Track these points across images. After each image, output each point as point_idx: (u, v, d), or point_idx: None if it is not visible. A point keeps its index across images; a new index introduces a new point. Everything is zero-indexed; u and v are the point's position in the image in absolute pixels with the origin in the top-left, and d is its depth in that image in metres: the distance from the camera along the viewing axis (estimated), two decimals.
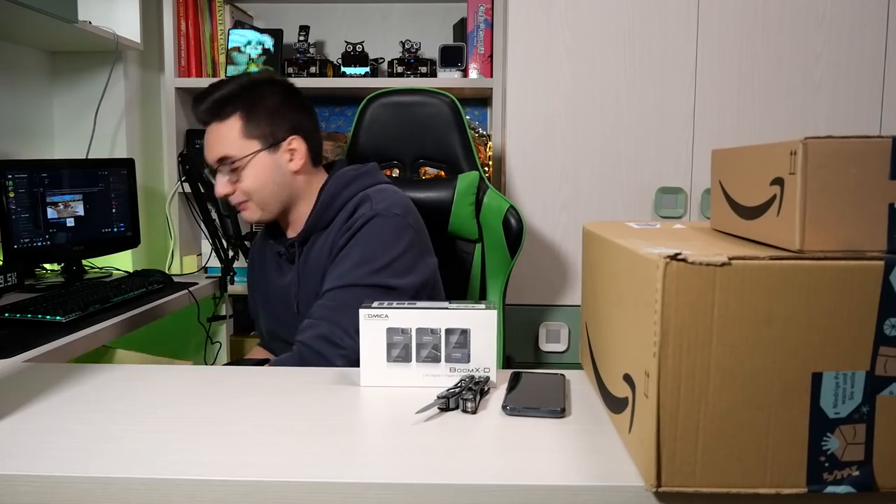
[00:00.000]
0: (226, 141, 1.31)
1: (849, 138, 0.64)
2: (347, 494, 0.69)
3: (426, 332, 0.94)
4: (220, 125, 1.32)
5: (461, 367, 0.95)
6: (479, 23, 2.20)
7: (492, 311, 0.95)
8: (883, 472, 0.66)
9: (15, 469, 0.71)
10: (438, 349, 0.95)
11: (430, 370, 0.95)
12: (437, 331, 0.94)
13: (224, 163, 1.31)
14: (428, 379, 0.95)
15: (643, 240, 0.78)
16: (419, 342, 0.94)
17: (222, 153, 1.31)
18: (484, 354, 0.95)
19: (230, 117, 1.31)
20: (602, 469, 0.72)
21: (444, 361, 0.95)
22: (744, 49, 2.04)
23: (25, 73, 2.08)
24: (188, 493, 0.69)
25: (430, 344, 0.95)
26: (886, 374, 0.65)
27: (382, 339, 0.95)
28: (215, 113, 1.32)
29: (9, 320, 1.41)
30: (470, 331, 0.95)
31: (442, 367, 0.95)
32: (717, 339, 0.64)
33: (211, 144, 1.33)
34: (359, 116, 1.72)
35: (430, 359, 0.95)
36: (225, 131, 1.31)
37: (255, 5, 2.45)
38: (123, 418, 0.85)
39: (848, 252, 0.65)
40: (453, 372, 0.95)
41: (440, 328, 0.94)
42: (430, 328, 0.94)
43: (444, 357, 0.95)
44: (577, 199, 2.10)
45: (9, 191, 1.70)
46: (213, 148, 1.33)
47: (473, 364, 0.95)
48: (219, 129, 1.32)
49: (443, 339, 0.95)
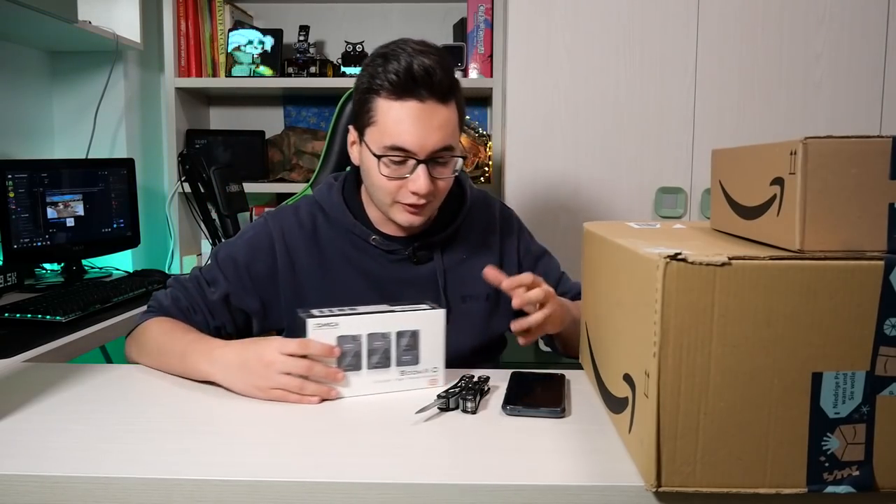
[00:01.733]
0: (449, 128, 1.07)
1: (849, 138, 0.64)
2: (347, 494, 0.69)
3: (377, 337, 0.93)
4: (443, 109, 1.06)
5: (410, 370, 0.95)
6: (479, 23, 2.20)
7: (439, 311, 0.95)
8: (883, 472, 0.66)
9: (15, 469, 0.71)
10: (389, 353, 0.93)
11: (380, 376, 0.93)
12: (388, 334, 0.93)
13: (441, 154, 1.07)
14: (378, 385, 0.93)
15: (643, 240, 0.78)
16: (370, 348, 0.92)
17: (448, 142, 1.07)
18: (432, 354, 0.95)
19: (451, 104, 1.08)
20: (602, 469, 0.72)
21: (394, 365, 0.94)
22: (744, 49, 2.04)
23: (25, 73, 2.08)
24: (188, 493, 0.69)
25: (381, 349, 0.93)
26: (886, 374, 0.65)
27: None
28: (445, 93, 1.06)
29: (9, 320, 1.41)
30: (419, 332, 0.94)
31: (392, 372, 0.94)
32: (717, 339, 0.64)
33: (429, 130, 1.05)
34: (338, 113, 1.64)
35: (380, 364, 0.93)
36: (447, 118, 1.07)
37: (255, 5, 2.46)
38: (123, 418, 0.85)
39: (848, 252, 0.65)
40: (403, 375, 0.94)
41: (390, 332, 0.93)
42: (380, 332, 0.93)
43: (394, 361, 0.94)
44: (577, 199, 2.10)
45: (9, 191, 1.70)
46: (431, 135, 1.05)
47: (422, 365, 0.95)
48: (441, 113, 1.06)
49: (393, 342, 0.93)
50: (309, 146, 2.38)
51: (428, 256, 1.19)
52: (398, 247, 1.18)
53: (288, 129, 2.44)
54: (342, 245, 1.19)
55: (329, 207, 1.19)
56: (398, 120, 1.05)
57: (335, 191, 1.21)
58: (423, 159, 1.05)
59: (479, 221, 1.24)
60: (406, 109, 1.04)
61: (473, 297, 1.21)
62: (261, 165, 2.35)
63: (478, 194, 1.29)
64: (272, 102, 2.52)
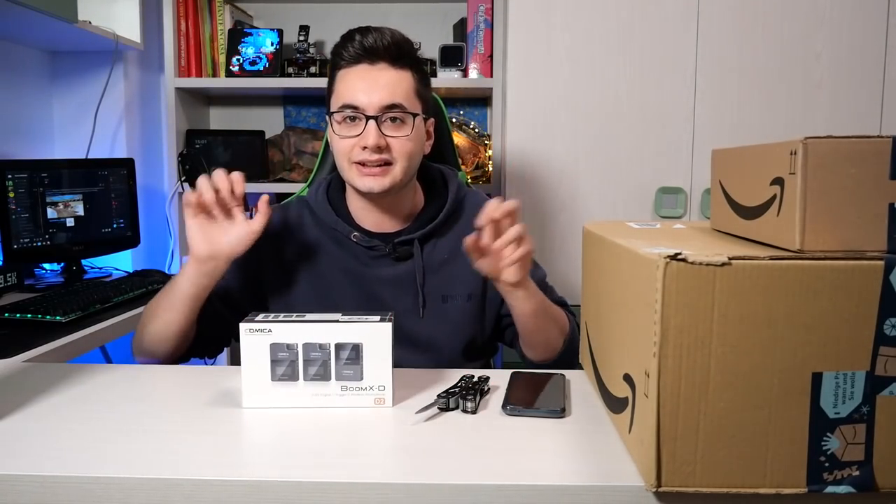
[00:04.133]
0: (398, 89, 1.13)
1: (849, 138, 0.64)
2: (347, 494, 0.69)
3: (314, 348, 0.86)
4: (394, 72, 1.13)
5: (353, 385, 0.87)
6: (479, 23, 2.20)
7: (386, 325, 0.86)
8: (883, 472, 0.66)
9: (16, 469, 0.71)
10: (328, 366, 0.86)
11: (318, 389, 0.87)
12: (326, 346, 0.86)
13: (391, 111, 1.11)
14: (317, 399, 0.87)
15: (643, 240, 0.78)
16: (306, 358, 0.86)
17: (394, 100, 1.11)
18: (378, 370, 0.87)
19: (405, 69, 1.14)
20: (602, 469, 0.72)
21: (334, 379, 0.87)
22: (744, 49, 2.04)
23: (25, 73, 2.08)
24: (188, 494, 0.69)
25: (319, 360, 0.86)
26: (886, 374, 0.65)
27: (266, 356, 0.86)
28: (394, 57, 1.13)
29: (9, 320, 1.41)
30: (362, 345, 0.86)
31: (332, 386, 0.87)
32: (717, 339, 0.64)
33: (376, 87, 1.11)
34: None
35: (318, 377, 0.86)
36: (398, 79, 1.13)
37: (255, 5, 2.46)
38: (123, 418, 0.85)
39: (848, 252, 0.65)
40: (345, 391, 0.87)
41: (329, 343, 0.86)
42: (318, 343, 0.86)
43: (334, 374, 0.86)
44: (576, 199, 2.10)
45: (9, 191, 1.70)
46: (378, 91, 1.11)
47: (367, 381, 0.87)
48: (390, 74, 1.13)
49: (332, 354, 0.86)
50: (309, 146, 2.38)
51: (408, 253, 1.20)
52: (378, 243, 1.19)
53: (288, 129, 2.44)
54: (325, 242, 1.21)
55: (314, 205, 1.22)
56: (350, 82, 1.13)
57: (321, 189, 1.24)
58: (371, 115, 1.10)
59: (467, 222, 1.23)
60: (357, 72, 1.13)
61: (454, 297, 1.21)
62: (261, 165, 2.35)
63: (471, 196, 1.28)
64: (272, 102, 2.52)
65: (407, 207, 1.22)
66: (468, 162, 2.34)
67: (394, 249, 1.19)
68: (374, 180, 1.12)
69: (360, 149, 1.11)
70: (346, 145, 1.12)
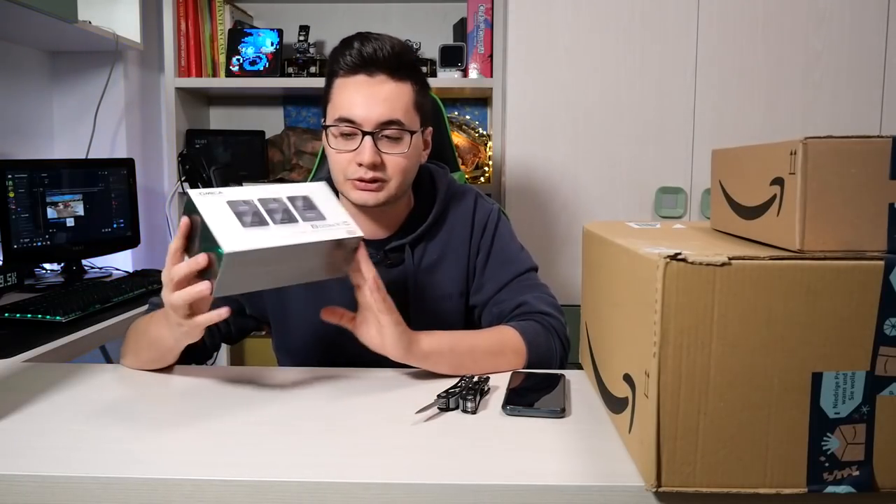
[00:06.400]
0: (397, 104, 1.09)
1: (849, 138, 0.64)
2: (347, 494, 0.69)
3: (269, 202, 0.89)
4: (393, 84, 1.09)
5: (321, 224, 0.90)
6: (479, 23, 2.20)
7: (321, 183, 0.95)
8: (883, 472, 0.66)
9: (15, 469, 0.71)
10: (290, 213, 0.89)
11: (291, 229, 0.87)
12: (280, 198, 0.90)
13: (388, 127, 1.08)
14: (294, 236, 0.87)
15: (643, 240, 0.78)
16: (267, 209, 0.88)
17: (392, 116, 1.08)
18: (335, 210, 0.93)
19: (404, 80, 1.10)
20: (602, 469, 0.72)
21: (301, 221, 0.89)
22: (744, 49, 2.04)
23: (25, 73, 2.08)
24: (188, 493, 0.69)
25: (280, 209, 0.89)
26: (886, 373, 0.65)
27: (227, 210, 0.86)
28: (394, 68, 1.09)
29: (9, 320, 1.41)
30: (311, 196, 0.93)
31: (302, 226, 0.89)
32: (717, 339, 0.64)
33: (374, 102, 1.08)
34: None
35: (285, 220, 0.88)
36: (397, 93, 1.09)
37: (255, 5, 2.46)
38: (123, 418, 0.85)
39: (848, 252, 0.65)
40: (316, 228, 0.89)
41: (281, 196, 0.91)
42: (271, 198, 0.89)
43: (299, 217, 0.89)
44: (577, 199, 2.10)
45: (9, 191, 1.70)
46: (376, 106, 1.07)
47: (331, 220, 0.91)
48: (389, 88, 1.09)
49: (289, 203, 0.90)
50: (309, 146, 2.38)
51: (400, 259, 1.19)
52: (371, 251, 1.15)
53: (288, 129, 2.44)
54: None
55: None
56: (347, 93, 1.09)
57: None
58: (368, 131, 1.07)
59: (458, 221, 1.23)
60: (355, 83, 1.09)
61: (446, 297, 1.21)
62: (261, 165, 2.35)
63: (460, 194, 1.26)
64: (272, 102, 2.52)
65: (398, 214, 1.21)
66: (468, 162, 2.34)
67: (385, 256, 1.18)
68: (370, 195, 1.10)
69: (356, 165, 1.09)
70: (341, 160, 1.10)
